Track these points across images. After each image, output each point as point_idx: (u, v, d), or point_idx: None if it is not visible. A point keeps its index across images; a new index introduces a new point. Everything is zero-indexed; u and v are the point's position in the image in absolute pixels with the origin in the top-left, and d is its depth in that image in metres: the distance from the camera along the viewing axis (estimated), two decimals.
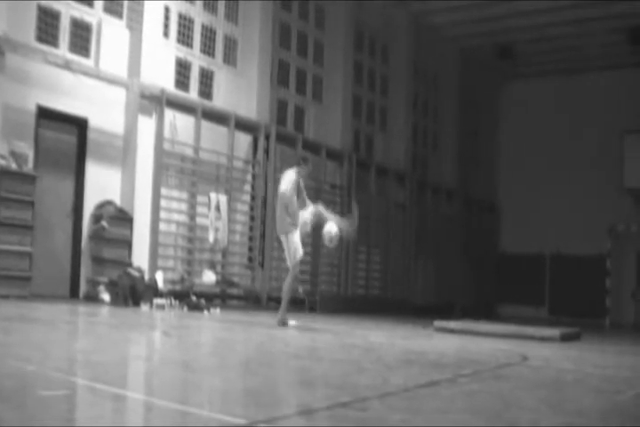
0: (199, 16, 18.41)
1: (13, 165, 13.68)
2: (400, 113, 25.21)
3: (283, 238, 11.66)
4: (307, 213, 11.77)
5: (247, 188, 19.20)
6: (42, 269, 14.49)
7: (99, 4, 16.10)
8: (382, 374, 6.02)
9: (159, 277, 15.57)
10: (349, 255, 21.83)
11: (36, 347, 6.31)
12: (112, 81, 16.05)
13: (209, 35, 18.68)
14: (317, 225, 12.01)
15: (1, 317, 9.53)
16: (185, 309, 14.76)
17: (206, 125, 17.77)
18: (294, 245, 11.51)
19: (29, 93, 14.43)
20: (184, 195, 17.67)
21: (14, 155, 13.82)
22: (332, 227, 11.67)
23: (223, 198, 17.80)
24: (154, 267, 16.13)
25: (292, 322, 11.54)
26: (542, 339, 11.54)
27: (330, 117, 22.10)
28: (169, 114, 16.97)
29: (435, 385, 5.31)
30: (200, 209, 17.66)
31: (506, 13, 24.26)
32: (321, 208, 11.93)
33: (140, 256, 16.10)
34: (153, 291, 14.95)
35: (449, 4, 24.00)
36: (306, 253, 20.73)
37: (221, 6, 19.01)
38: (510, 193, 30.31)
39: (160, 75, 16.99)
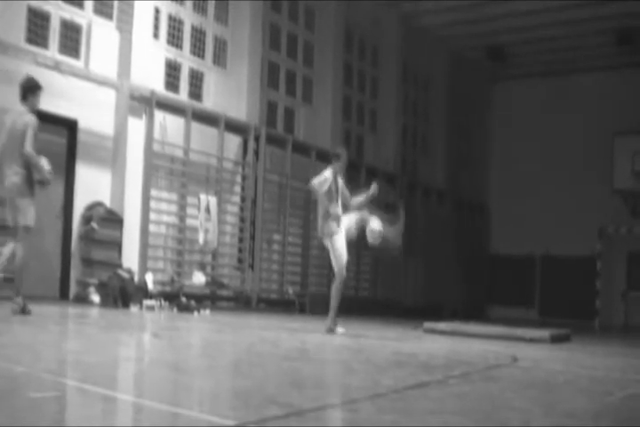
0: (189, 17, 18.41)
1: None
2: (390, 114, 25.23)
3: (327, 242, 11.36)
4: (352, 219, 11.49)
5: (237, 189, 19.20)
6: (31, 271, 14.45)
7: (89, 6, 16.10)
8: (372, 375, 6.02)
9: (149, 278, 15.57)
10: None
11: (25, 348, 6.30)
12: (102, 82, 16.04)
13: (199, 36, 18.69)
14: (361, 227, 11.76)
15: None
16: (175, 310, 14.75)
17: (196, 127, 17.77)
18: (339, 249, 11.26)
19: (19, 95, 14.38)
20: (174, 196, 17.67)
21: None
22: (375, 224, 11.50)
23: (213, 200, 17.79)
24: (144, 268, 16.13)
25: (340, 330, 11.19)
26: (532, 340, 11.55)
27: (320, 119, 22.11)
28: (159, 115, 16.96)
29: (425, 386, 5.31)
30: (190, 210, 17.65)
31: (496, 15, 24.30)
32: (366, 215, 11.69)
33: (130, 257, 16.09)
34: (143, 292, 14.94)
35: (439, 6, 24.01)
36: (295, 255, 20.95)
37: (211, 7, 19.01)
38: (500, 194, 30.37)
39: (150, 76, 16.98)
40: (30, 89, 10.30)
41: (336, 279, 11.45)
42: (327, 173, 11.50)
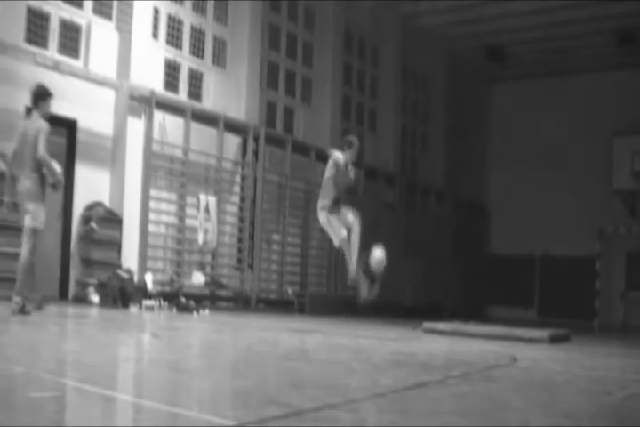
0: (188, 17, 18.41)
1: (2, 167, 13.64)
2: (389, 114, 25.24)
3: (322, 218, 11.43)
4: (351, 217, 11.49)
5: (236, 189, 19.19)
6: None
7: (88, 6, 16.10)
8: (372, 375, 6.02)
9: (148, 278, 15.57)
10: (338, 257, 21.82)
11: (25, 348, 6.30)
12: (101, 82, 16.04)
13: (198, 36, 18.69)
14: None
15: None
16: (174, 310, 14.75)
17: (195, 127, 17.77)
18: (333, 226, 11.31)
19: (18, 95, 14.39)
20: (173, 196, 17.67)
21: (3, 156, 13.78)
22: (379, 252, 11.48)
23: (212, 200, 17.80)
24: (143, 268, 16.13)
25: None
26: (531, 340, 11.55)
27: (319, 119, 22.11)
28: (158, 115, 16.96)
29: (424, 386, 5.31)
30: (189, 210, 17.66)
31: (495, 15, 24.30)
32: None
33: (130, 258, 16.09)
34: (142, 292, 14.94)
35: (438, 6, 24.01)
36: (294, 255, 20.94)
37: (210, 7, 19.01)
38: (499, 194, 30.36)
39: (149, 76, 16.98)
40: (41, 96, 10.62)
41: (344, 253, 11.56)
42: (340, 157, 11.41)
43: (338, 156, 11.50)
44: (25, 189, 10.27)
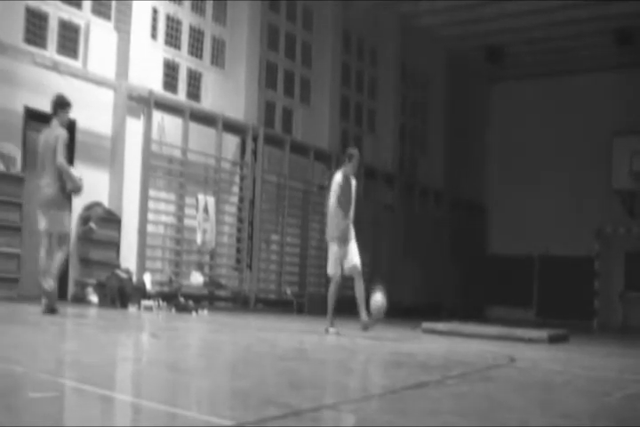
0: (187, 17, 18.41)
1: (1, 167, 13.66)
2: (388, 114, 25.21)
3: (330, 245, 11.33)
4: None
5: (235, 189, 19.19)
6: (30, 271, 14.44)
7: (87, 6, 16.09)
8: (370, 375, 6.02)
9: (147, 278, 15.56)
10: None
11: (24, 349, 6.29)
12: (100, 82, 16.04)
13: (197, 36, 18.68)
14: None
15: None
16: (173, 310, 14.74)
17: (194, 127, 17.77)
18: (333, 255, 11.22)
19: (17, 95, 14.40)
20: (172, 196, 17.66)
21: (2, 156, 13.80)
22: (379, 297, 11.35)
23: (211, 200, 17.80)
24: (142, 268, 16.12)
25: (331, 329, 11.09)
26: (530, 341, 11.55)
27: (318, 119, 22.09)
28: (157, 115, 16.96)
29: (423, 387, 5.31)
30: (188, 211, 17.65)
31: (496, 15, 24.29)
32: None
33: (128, 258, 16.08)
34: (141, 292, 14.93)
35: (437, 6, 24.00)
36: (293, 255, 20.92)
37: (209, 8, 19.01)
38: (499, 194, 30.35)
39: (148, 76, 16.97)
40: (60, 105, 10.90)
41: (331, 284, 11.46)
42: (339, 177, 11.32)
43: (338, 177, 11.38)
44: (46, 197, 10.51)
